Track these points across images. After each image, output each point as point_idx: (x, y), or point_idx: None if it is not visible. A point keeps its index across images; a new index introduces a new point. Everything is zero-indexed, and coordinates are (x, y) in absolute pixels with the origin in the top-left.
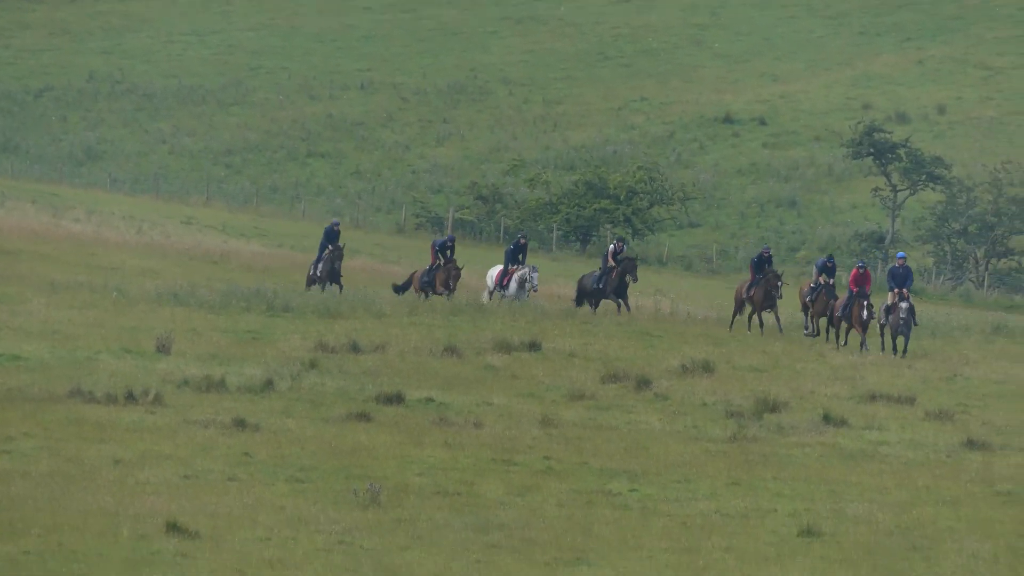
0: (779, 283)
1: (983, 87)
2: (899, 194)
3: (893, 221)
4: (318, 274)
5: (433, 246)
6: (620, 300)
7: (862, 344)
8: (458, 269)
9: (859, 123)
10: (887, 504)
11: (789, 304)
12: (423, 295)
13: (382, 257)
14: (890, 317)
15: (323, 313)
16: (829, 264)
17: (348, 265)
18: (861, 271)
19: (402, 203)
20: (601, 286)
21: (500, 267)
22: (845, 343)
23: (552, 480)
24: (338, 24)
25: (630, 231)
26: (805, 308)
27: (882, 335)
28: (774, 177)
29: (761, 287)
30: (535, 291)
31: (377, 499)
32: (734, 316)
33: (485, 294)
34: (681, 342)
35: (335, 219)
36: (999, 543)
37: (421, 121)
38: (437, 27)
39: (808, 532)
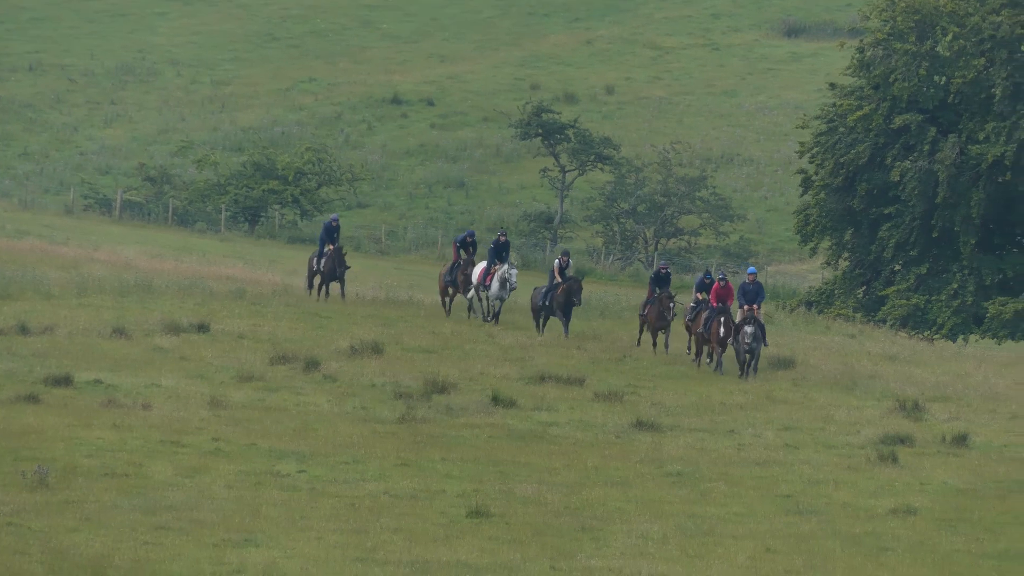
0: (671, 304)
1: (652, 67)
2: (568, 175)
3: (562, 202)
4: (321, 268)
5: (454, 243)
6: (564, 318)
7: (718, 364)
8: (467, 275)
9: (528, 104)
10: (556, 485)
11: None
12: (447, 296)
13: (51, 238)
14: (738, 337)
15: None
16: (707, 280)
17: (16, 247)
18: (723, 284)
19: (71, 184)
20: (547, 303)
21: (483, 265)
22: (703, 358)
23: (221, 461)
24: (6, 5)
25: (299, 212)
26: (688, 330)
27: (738, 356)
28: (443, 158)
29: (655, 306)
30: (514, 288)
31: (45, 481)
32: (640, 334)
33: (471, 291)
34: (350, 323)
35: (334, 214)
36: (668, 523)
37: (89, 102)
38: (105, 8)
39: (477, 513)
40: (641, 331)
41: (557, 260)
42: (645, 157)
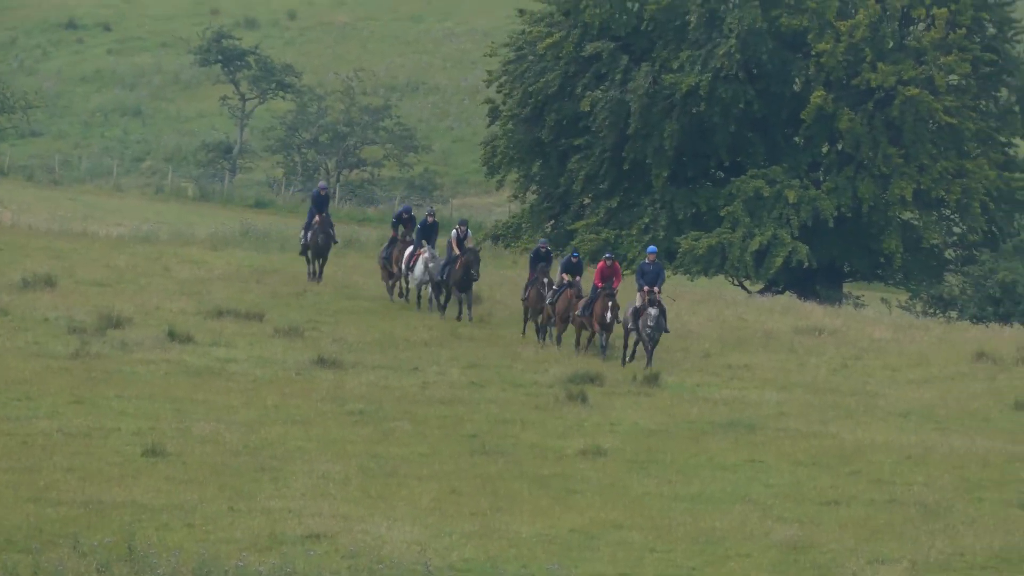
0: (546, 280)
1: None
2: (248, 103)
3: (242, 131)
4: (307, 242)
5: (392, 220)
6: (464, 296)
7: (602, 347)
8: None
9: (207, 29)
10: (235, 423)
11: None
12: (387, 277)
13: None
14: (638, 321)
15: None
16: (573, 260)
17: None
18: (609, 264)
19: None
20: (445, 277)
21: (411, 248)
22: (587, 346)
23: None
24: None
25: None
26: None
27: (626, 339)
28: (119, 85)
29: (535, 288)
30: (434, 275)
31: None
32: (524, 322)
33: (406, 280)
34: (22, 255)
35: (322, 182)
36: (350, 463)
37: None
38: None
39: (153, 452)
40: (526, 318)
41: (454, 231)
42: (328, 85)
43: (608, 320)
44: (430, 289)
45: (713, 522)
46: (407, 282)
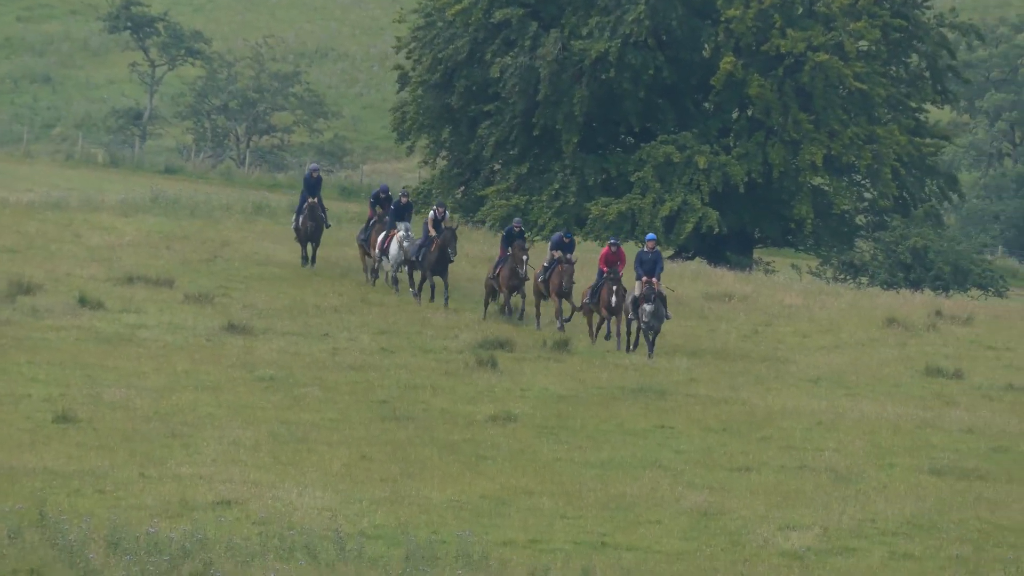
0: (525, 257)
1: None
2: (158, 69)
3: (152, 97)
4: (299, 226)
5: (369, 200)
6: (440, 278)
7: (608, 334)
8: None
9: None
10: (145, 389)
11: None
12: (365, 257)
13: None
14: (637, 311)
15: None
16: (566, 240)
17: None
18: (614, 249)
19: None
20: (420, 259)
21: (385, 232)
22: (596, 333)
23: None
24: None
25: None
26: (538, 293)
27: (628, 327)
28: (28, 52)
29: (508, 264)
30: (407, 246)
31: None
32: (485, 305)
33: (382, 264)
34: None
35: (313, 164)
36: (261, 430)
37: None
38: None
39: (64, 418)
40: (487, 301)
41: (432, 211)
42: (237, 52)
43: (614, 305)
44: (406, 270)
45: (623, 488)
46: (380, 264)
